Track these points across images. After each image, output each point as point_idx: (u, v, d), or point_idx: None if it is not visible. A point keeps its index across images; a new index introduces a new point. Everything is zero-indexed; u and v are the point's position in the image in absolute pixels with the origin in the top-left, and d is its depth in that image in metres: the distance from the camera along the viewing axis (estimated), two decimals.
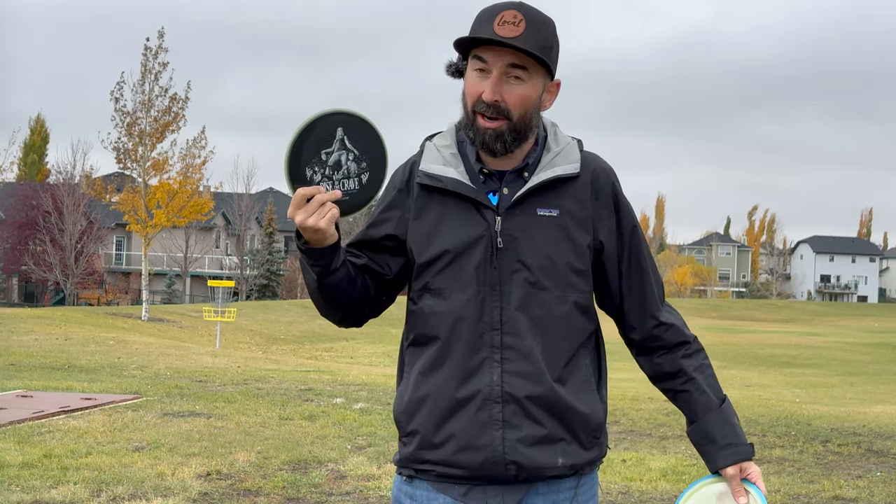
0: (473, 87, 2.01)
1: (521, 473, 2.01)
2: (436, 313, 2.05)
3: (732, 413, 2.13)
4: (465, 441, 2.00)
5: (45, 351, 17.13)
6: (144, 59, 30.13)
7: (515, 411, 1.99)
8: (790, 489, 6.66)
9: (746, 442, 2.10)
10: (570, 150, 2.10)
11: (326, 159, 1.94)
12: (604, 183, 2.10)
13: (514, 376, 2.00)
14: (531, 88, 2.01)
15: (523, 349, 2.00)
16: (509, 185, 2.06)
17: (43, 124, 69.52)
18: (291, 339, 32.84)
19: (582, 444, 2.05)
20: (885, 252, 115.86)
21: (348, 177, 1.96)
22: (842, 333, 44.09)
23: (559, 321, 2.03)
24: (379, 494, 6.11)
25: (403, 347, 2.16)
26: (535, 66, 2.01)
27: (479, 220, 2.03)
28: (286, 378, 13.47)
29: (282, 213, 72.80)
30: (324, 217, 1.91)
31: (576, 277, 2.06)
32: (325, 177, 1.94)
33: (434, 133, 2.16)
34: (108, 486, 5.98)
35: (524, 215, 2.03)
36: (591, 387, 2.08)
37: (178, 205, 30.10)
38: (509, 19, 1.97)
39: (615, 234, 2.11)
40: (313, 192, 1.91)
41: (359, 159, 1.96)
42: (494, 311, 2.01)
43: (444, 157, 2.08)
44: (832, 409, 12.40)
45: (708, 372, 2.14)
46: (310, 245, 1.97)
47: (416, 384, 2.07)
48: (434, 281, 2.05)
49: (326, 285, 2.03)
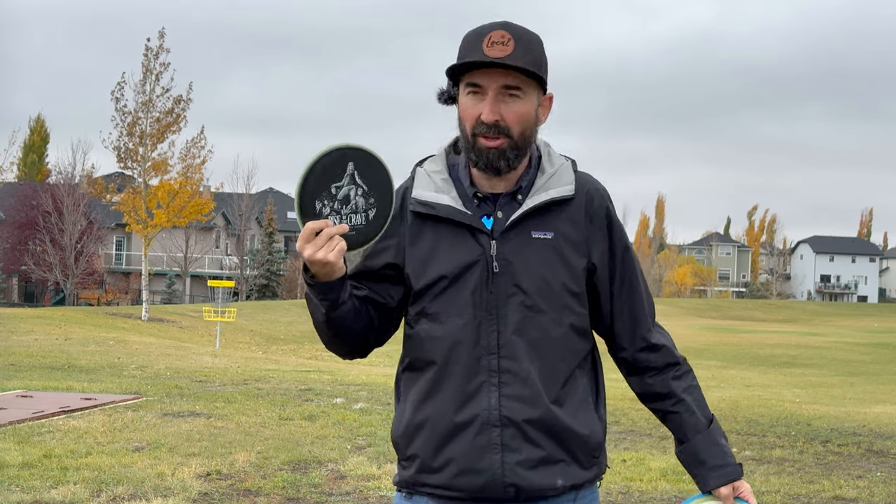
0: (470, 111, 2.02)
1: (520, 495, 2.02)
2: (432, 338, 2.05)
3: (720, 434, 2.15)
4: (464, 465, 2.01)
5: (45, 351, 17.13)
6: (145, 60, 30.13)
7: (514, 435, 2.00)
8: (790, 489, 6.66)
9: (735, 462, 2.13)
10: (564, 171, 2.10)
11: (336, 193, 1.95)
12: (598, 205, 2.11)
13: (512, 400, 2.00)
14: (528, 104, 2.03)
15: (521, 373, 2.01)
16: (503, 208, 2.06)
17: (43, 124, 69.50)
18: (291, 339, 32.84)
19: (581, 465, 2.06)
20: (885, 252, 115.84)
21: (356, 211, 1.97)
22: (842, 333, 44.09)
23: (556, 343, 2.04)
24: (379, 494, 6.11)
25: (399, 371, 2.17)
26: (529, 82, 2.02)
27: (473, 244, 2.04)
28: (286, 378, 13.47)
29: (282, 213, 72.82)
30: (332, 251, 1.91)
31: (571, 299, 2.06)
32: (334, 210, 1.95)
33: (424, 158, 2.16)
34: (108, 486, 5.98)
35: (519, 238, 2.04)
36: (588, 406, 2.08)
37: (179, 205, 30.10)
38: (497, 39, 1.98)
39: (607, 255, 2.12)
40: (321, 226, 1.92)
41: (367, 195, 1.97)
42: (491, 335, 2.02)
43: (436, 183, 2.08)
44: (832, 409, 12.40)
45: (696, 394, 2.16)
46: (317, 279, 1.97)
47: (413, 409, 2.08)
48: (430, 306, 2.06)
49: (335, 319, 2.03)
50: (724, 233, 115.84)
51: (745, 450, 8.31)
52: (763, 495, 6.45)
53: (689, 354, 27.61)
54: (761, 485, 6.78)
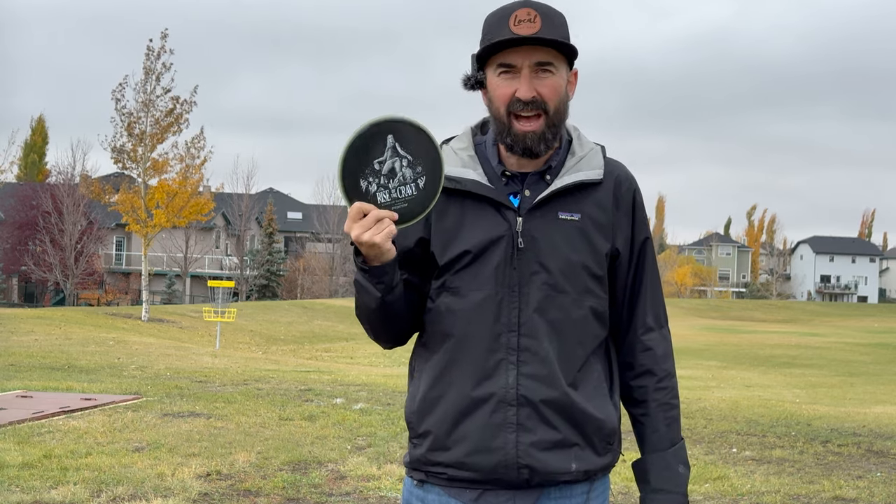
0: (504, 90, 2.00)
1: (533, 478, 1.99)
2: (452, 311, 2.03)
3: (679, 459, 2.11)
4: (478, 443, 1.99)
5: (45, 351, 17.13)
6: (147, 61, 30.12)
7: (530, 415, 1.98)
8: (790, 489, 6.66)
9: (682, 492, 2.08)
10: (594, 155, 2.10)
11: (380, 168, 1.91)
12: (626, 191, 2.10)
13: (529, 379, 1.98)
14: (560, 79, 2.02)
15: (540, 352, 1.99)
16: (531, 187, 2.05)
17: (43, 124, 69.52)
18: (291, 339, 32.83)
19: (595, 450, 2.04)
20: (885, 252, 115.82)
21: (405, 183, 1.92)
22: (842, 334, 44.08)
23: (575, 325, 2.03)
24: (379, 495, 6.11)
25: (415, 348, 2.14)
26: (559, 57, 2.01)
27: (499, 220, 2.02)
28: (286, 378, 13.47)
29: (282, 214, 72.83)
30: (381, 232, 1.87)
31: (593, 282, 2.05)
32: (381, 186, 1.91)
33: (450, 137, 2.15)
34: (108, 487, 5.98)
35: (545, 218, 2.03)
36: (603, 392, 2.06)
37: (178, 205, 30.07)
38: (524, 17, 1.97)
39: (629, 242, 2.11)
40: (368, 209, 1.88)
41: (413, 164, 1.92)
42: (512, 312, 2.00)
43: (462, 160, 2.07)
44: (832, 409, 12.40)
45: (670, 413, 2.12)
46: (368, 262, 1.93)
47: (429, 384, 2.05)
48: (453, 280, 2.04)
49: (389, 303, 1.99)
50: (724, 233, 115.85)
51: (745, 450, 8.31)
52: (763, 495, 6.45)
53: (689, 355, 27.70)
54: (761, 485, 6.78)
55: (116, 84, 30.15)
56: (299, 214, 77.16)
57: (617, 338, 2.14)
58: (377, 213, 1.88)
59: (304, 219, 75.73)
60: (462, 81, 2.08)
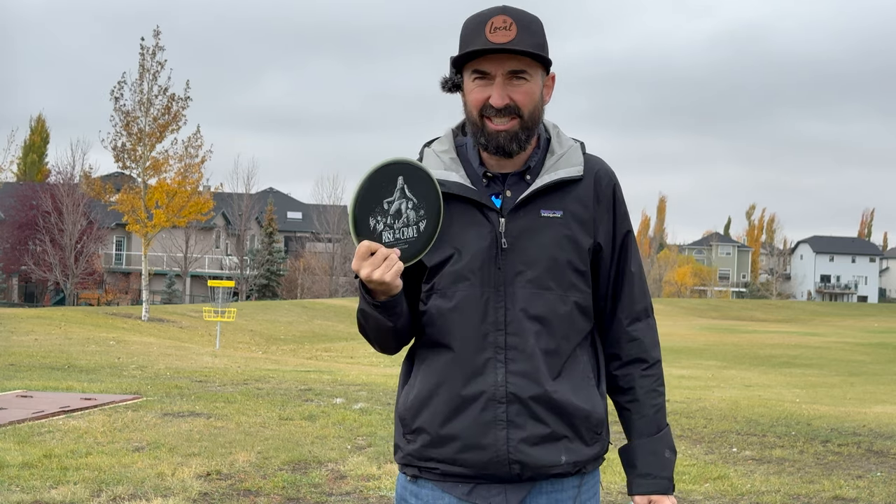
0: (478, 95, 2.05)
1: (525, 472, 2.04)
2: (441, 313, 2.07)
3: (665, 445, 2.14)
4: (469, 440, 2.03)
5: (45, 351, 17.13)
6: (142, 59, 30.11)
7: (519, 411, 2.02)
8: (790, 489, 6.66)
9: (667, 476, 2.12)
10: (573, 152, 2.13)
11: (388, 208, 1.98)
12: (605, 186, 2.14)
13: (517, 377, 2.03)
14: (534, 85, 2.06)
15: (526, 349, 2.03)
16: (512, 187, 2.09)
17: (43, 124, 69.42)
18: (291, 339, 32.84)
19: (584, 441, 2.09)
20: (885, 252, 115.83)
21: (408, 225, 2.00)
22: (842, 333, 44.09)
23: (561, 321, 2.07)
24: (379, 494, 6.11)
25: (408, 349, 2.19)
26: (534, 64, 2.05)
27: (483, 221, 2.07)
28: (286, 378, 13.47)
29: (282, 213, 72.84)
30: (390, 270, 1.94)
31: (577, 278, 2.09)
32: (387, 226, 1.98)
33: (431, 139, 2.19)
34: (108, 486, 5.98)
35: (528, 217, 2.07)
36: (590, 383, 2.11)
37: (178, 205, 30.06)
38: (500, 25, 2.00)
39: (611, 236, 2.14)
40: (376, 248, 1.94)
41: (417, 207, 2.00)
42: (499, 311, 2.04)
43: (445, 162, 2.11)
44: (832, 409, 12.39)
45: (657, 400, 2.16)
46: (376, 297, 1.99)
47: (421, 383, 2.10)
48: (440, 281, 2.08)
49: (399, 329, 2.07)
50: (724, 233, 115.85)
51: (745, 450, 8.31)
52: (763, 495, 6.45)
53: (689, 354, 27.71)
54: (761, 484, 6.79)
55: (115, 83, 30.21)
56: (299, 214, 77.21)
57: (602, 330, 2.18)
58: (385, 252, 1.94)
59: (304, 218, 75.77)
60: (440, 84, 2.13)
